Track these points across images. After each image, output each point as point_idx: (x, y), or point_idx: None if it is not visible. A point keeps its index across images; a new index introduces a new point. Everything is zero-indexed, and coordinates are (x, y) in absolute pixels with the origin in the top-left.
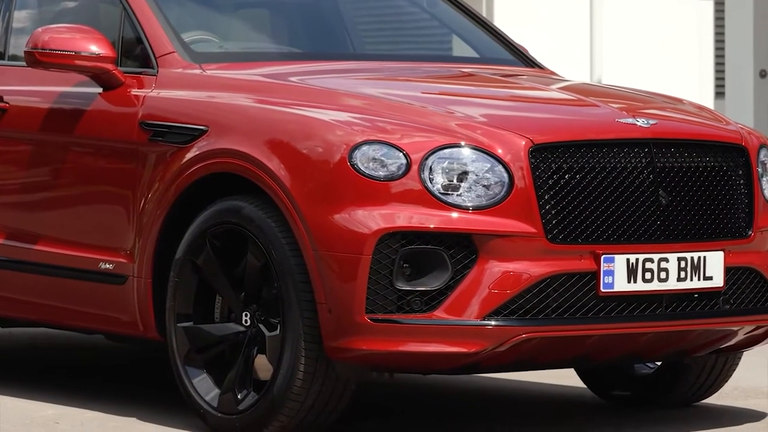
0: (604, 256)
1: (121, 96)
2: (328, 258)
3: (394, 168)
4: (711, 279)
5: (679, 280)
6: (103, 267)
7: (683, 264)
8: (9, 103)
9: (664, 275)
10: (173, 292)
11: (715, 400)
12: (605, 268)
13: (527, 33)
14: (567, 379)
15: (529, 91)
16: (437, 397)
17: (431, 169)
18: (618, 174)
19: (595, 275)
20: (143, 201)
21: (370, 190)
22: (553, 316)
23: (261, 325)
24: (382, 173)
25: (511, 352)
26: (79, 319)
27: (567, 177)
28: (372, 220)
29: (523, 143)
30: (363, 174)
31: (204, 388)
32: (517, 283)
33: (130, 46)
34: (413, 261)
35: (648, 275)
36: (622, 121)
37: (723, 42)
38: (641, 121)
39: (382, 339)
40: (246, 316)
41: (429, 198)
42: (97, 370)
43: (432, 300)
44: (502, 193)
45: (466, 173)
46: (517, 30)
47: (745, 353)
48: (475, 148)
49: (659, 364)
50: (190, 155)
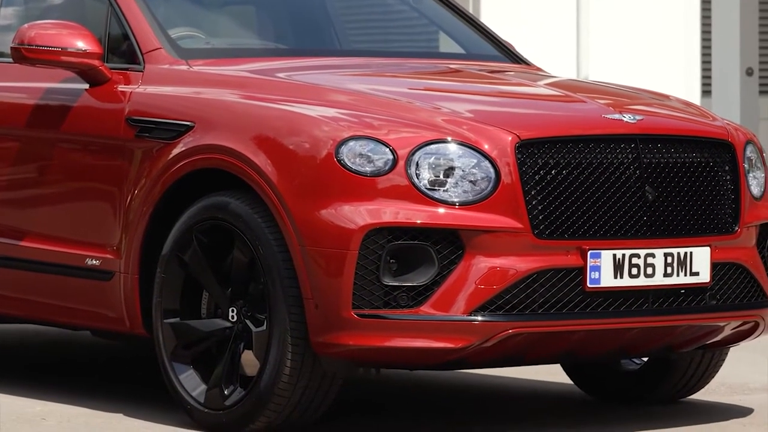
0: (591, 251)
1: (108, 92)
2: (314, 253)
3: (380, 163)
4: (697, 274)
5: (666, 275)
6: (89, 263)
7: (670, 259)
8: None
9: (650, 271)
10: (160, 288)
11: (702, 396)
12: (592, 264)
13: (514, 30)
14: (554, 375)
15: (516, 87)
16: (424, 393)
17: (418, 164)
18: (604, 170)
19: (582, 271)
20: (130, 197)
21: (356, 186)
22: (540, 311)
23: (248, 321)
24: (368, 169)
25: (497, 348)
26: (66, 315)
27: (553, 172)
28: (358, 215)
29: (510, 139)
30: (349, 169)
31: (191, 383)
32: (503, 279)
33: (117, 42)
34: (400, 256)
35: (634, 271)
36: (608, 116)
37: (710, 40)
38: (628, 117)
39: (369, 334)
40: (233, 311)
41: (415, 193)
42: (83, 367)
43: (419, 295)
44: (489, 189)
45: (452, 169)
46: (504, 27)
47: (731, 349)
48: (461, 144)
49: (646, 360)
50: (176, 151)
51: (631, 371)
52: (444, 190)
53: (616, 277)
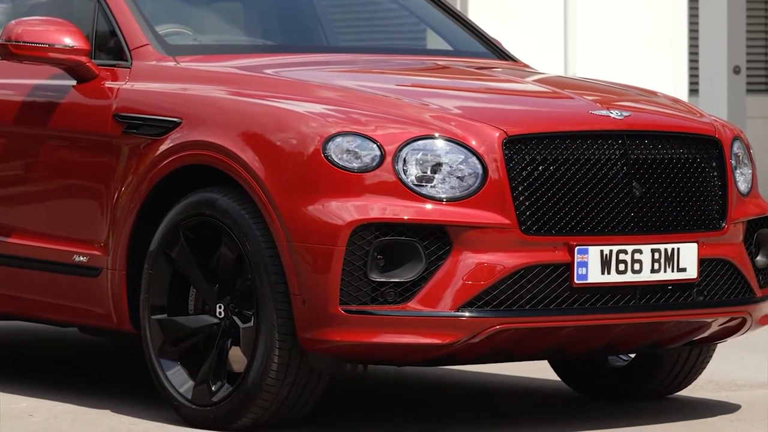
0: (578, 247)
1: (95, 88)
2: (302, 249)
3: (368, 159)
4: (685, 270)
5: (653, 271)
6: (77, 260)
7: (657, 255)
8: None
9: (637, 267)
10: (147, 285)
11: (689, 392)
12: (579, 260)
13: (501, 27)
14: (541, 371)
15: (503, 83)
16: (411, 390)
17: (405, 160)
18: (592, 166)
19: (569, 267)
20: (117, 193)
21: (344, 182)
22: (527, 307)
23: (235, 317)
24: (356, 165)
25: (485, 344)
26: (53, 311)
27: (541, 168)
28: (346, 211)
29: (497, 135)
30: (337, 165)
31: (178, 380)
32: (490, 275)
33: (104, 38)
34: (387, 252)
35: (622, 267)
36: (596, 113)
37: (697, 39)
38: (615, 113)
39: (356, 330)
40: (220, 308)
41: (403, 189)
42: (71, 363)
43: (406, 291)
44: (476, 185)
45: (440, 165)
46: (492, 25)
47: (718, 346)
48: (449, 140)
49: (633, 356)
50: (163, 147)
51: (619, 367)
52: (431, 186)
53: (603, 273)
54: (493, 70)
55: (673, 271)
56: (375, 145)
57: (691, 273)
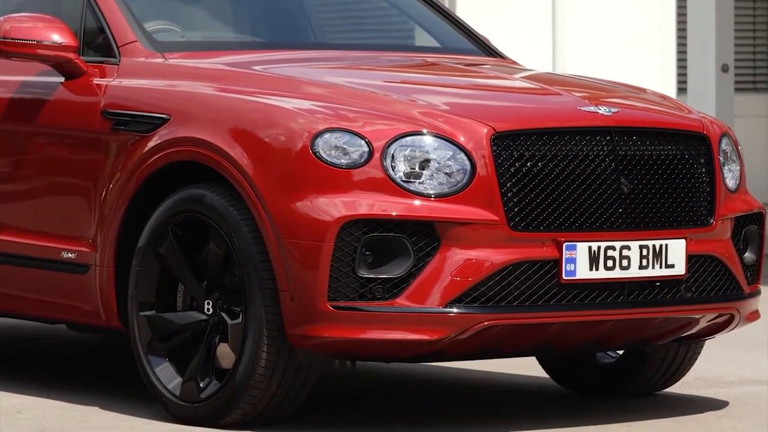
0: (566, 243)
1: (84, 85)
2: (290, 246)
3: (356, 156)
4: (673, 267)
5: (641, 267)
6: (65, 256)
7: (645, 252)
8: None
9: (626, 263)
10: (135, 281)
11: (677, 389)
12: (567, 256)
13: (490, 24)
14: (529, 368)
15: (491, 79)
16: (399, 387)
17: (393, 156)
18: (580, 162)
19: (557, 263)
20: (105, 190)
21: (332, 178)
22: (515, 303)
23: (223, 314)
24: (344, 161)
25: (473, 340)
26: (42, 308)
27: (529, 165)
28: (334, 207)
29: (485, 131)
30: (325, 162)
31: (166, 376)
32: (479, 271)
33: (92, 35)
34: (375, 248)
35: (610, 263)
36: (584, 109)
37: (685, 38)
38: (603, 110)
39: (345, 326)
40: (208, 304)
41: (391, 186)
42: (59, 360)
43: (394, 287)
44: (464, 181)
45: (428, 161)
46: (480, 22)
47: (706, 343)
48: (437, 136)
49: (621, 353)
50: (152, 144)
51: (607, 364)
52: (420, 183)
53: (591, 269)
54: (481, 67)
55: (661, 267)
56: (363, 142)
57: (680, 269)
